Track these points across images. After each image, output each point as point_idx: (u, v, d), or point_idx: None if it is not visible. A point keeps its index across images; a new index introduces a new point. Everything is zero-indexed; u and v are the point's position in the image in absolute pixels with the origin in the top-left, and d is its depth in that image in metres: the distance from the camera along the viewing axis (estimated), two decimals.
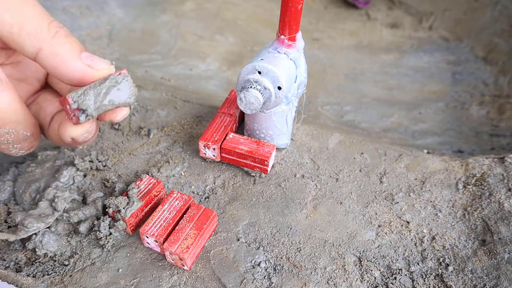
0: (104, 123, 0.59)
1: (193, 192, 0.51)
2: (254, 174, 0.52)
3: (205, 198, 0.50)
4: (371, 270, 0.43)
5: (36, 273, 0.41)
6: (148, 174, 0.50)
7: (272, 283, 0.41)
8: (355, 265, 0.44)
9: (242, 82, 0.45)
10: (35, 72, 0.40)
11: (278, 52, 0.46)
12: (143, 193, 0.45)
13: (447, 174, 0.53)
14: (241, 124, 0.58)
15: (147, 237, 0.42)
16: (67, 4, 0.99)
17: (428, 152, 0.59)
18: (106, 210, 0.44)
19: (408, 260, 0.44)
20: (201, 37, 1.09)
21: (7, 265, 0.42)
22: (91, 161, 0.51)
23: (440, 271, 0.43)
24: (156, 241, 0.41)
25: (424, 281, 0.42)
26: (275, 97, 0.46)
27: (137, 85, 0.69)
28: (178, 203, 0.44)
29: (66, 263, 0.42)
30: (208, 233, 0.44)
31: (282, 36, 0.45)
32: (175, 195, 0.45)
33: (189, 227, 0.42)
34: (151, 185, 0.47)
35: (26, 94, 0.40)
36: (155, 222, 0.42)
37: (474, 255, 0.44)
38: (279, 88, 0.45)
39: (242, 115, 0.57)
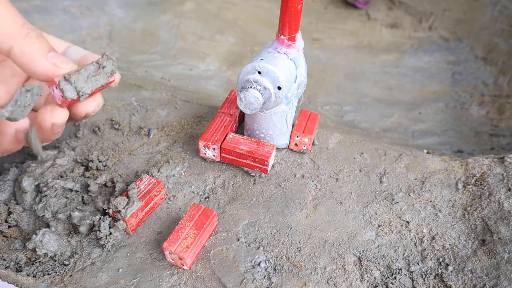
0: (104, 123, 0.59)
1: (193, 192, 0.51)
2: (254, 174, 0.52)
3: (205, 198, 0.50)
4: (371, 270, 0.43)
5: (36, 273, 0.41)
6: (148, 174, 0.50)
7: (272, 283, 0.41)
8: (355, 265, 0.44)
9: (242, 82, 0.45)
10: None
11: (278, 52, 0.46)
12: (143, 193, 0.46)
13: (447, 174, 0.53)
14: (241, 124, 0.58)
15: None
16: (67, 4, 0.99)
17: (428, 152, 0.59)
18: (106, 210, 0.44)
19: (408, 260, 0.44)
20: (201, 37, 1.09)
21: (7, 265, 0.42)
22: (91, 161, 0.51)
23: (440, 271, 0.43)
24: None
25: (424, 281, 0.42)
26: (275, 97, 0.46)
27: (137, 85, 0.69)
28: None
29: (66, 263, 0.42)
30: (208, 233, 0.44)
31: (282, 36, 0.45)
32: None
33: (188, 227, 0.42)
34: (151, 185, 0.47)
35: (20, 85, 0.43)
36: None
37: (474, 255, 0.44)
38: (279, 88, 0.45)
39: (242, 115, 0.57)
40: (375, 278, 0.43)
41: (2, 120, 0.40)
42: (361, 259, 0.44)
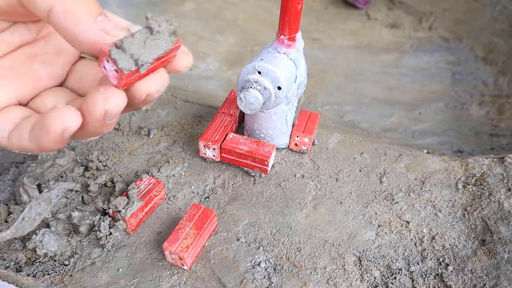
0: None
1: (193, 192, 0.51)
2: (254, 174, 0.52)
3: (205, 198, 0.50)
4: (371, 270, 0.43)
5: (36, 273, 0.41)
6: (148, 174, 0.50)
7: (272, 283, 0.41)
8: (355, 265, 0.44)
9: (242, 82, 0.45)
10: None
11: (278, 52, 0.46)
12: (143, 193, 0.46)
13: (447, 174, 0.53)
14: (241, 124, 0.58)
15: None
16: None
17: (428, 152, 0.59)
18: (106, 210, 0.44)
19: (408, 260, 0.44)
20: (201, 37, 1.09)
21: (7, 265, 0.42)
22: (91, 161, 0.51)
23: (440, 271, 0.43)
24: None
25: (424, 281, 0.42)
26: (275, 97, 0.46)
27: None
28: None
29: (66, 262, 0.42)
30: (208, 233, 0.44)
31: (282, 36, 0.45)
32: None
33: (188, 227, 0.42)
34: (151, 185, 0.47)
35: (67, 66, 0.37)
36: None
37: (474, 255, 0.44)
38: (279, 88, 0.45)
39: (242, 115, 0.57)
40: (375, 278, 0.43)
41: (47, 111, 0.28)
42: (361, 259, 0.44)
